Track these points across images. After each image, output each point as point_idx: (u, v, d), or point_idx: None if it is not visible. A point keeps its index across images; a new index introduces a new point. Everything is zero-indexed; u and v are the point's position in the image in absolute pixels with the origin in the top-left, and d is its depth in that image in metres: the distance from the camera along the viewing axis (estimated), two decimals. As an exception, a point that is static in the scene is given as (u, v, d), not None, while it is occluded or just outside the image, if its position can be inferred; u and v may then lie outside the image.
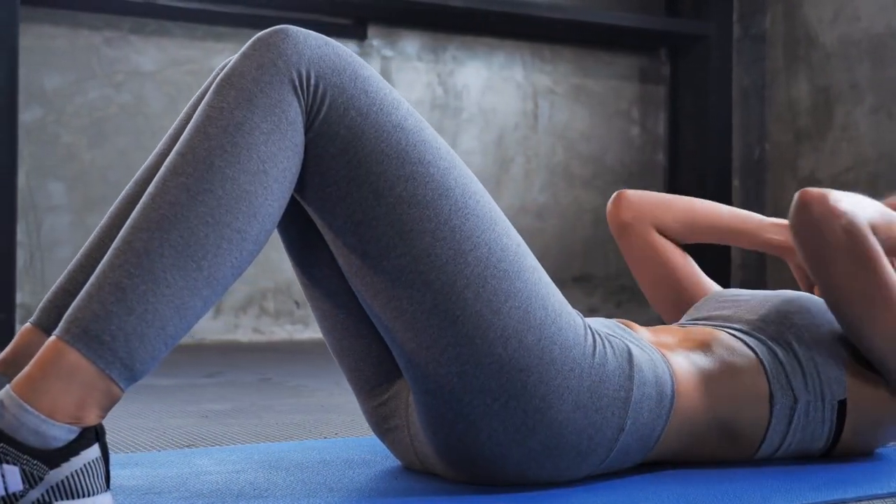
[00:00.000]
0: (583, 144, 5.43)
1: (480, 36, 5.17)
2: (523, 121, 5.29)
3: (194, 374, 2.92)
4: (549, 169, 5.34)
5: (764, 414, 1.40)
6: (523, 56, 5.30)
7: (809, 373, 1.41)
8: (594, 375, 1.27)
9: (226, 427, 1.90)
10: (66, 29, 4.27)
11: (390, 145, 1.19)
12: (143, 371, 1.08)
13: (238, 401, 2.31)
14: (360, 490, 1.27)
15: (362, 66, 1.21)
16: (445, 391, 1.23)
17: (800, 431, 1.42)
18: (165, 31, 4.47)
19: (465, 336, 1.21)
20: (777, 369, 1.41)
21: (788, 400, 1.40)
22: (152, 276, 1.07)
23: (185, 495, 1.24)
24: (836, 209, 1.33)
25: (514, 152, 5.25)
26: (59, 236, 4.24)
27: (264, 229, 1.14)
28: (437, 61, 5.08)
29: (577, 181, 5.39)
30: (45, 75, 4.20)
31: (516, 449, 1.25)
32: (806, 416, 1.41)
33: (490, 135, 5.19)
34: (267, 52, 1.17)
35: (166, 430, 1.86)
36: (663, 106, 5.65)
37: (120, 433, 1.82)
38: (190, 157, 1.12)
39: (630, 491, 1.27)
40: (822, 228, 1.33)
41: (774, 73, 5.32)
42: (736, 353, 1.41)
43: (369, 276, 1.21)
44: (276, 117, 1.14)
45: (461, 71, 5.13)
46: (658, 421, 1.33)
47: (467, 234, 1.21)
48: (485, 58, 5.19)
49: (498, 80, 5.23)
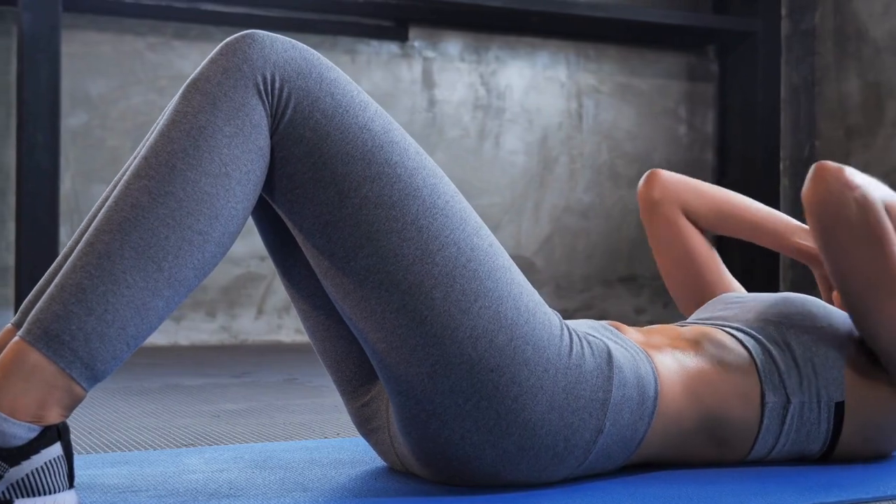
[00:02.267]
0: (628, 143, 5.38)
1: (523, 35, 5.16)
2: (567, 120, 5.26)
3: (223, 375, 2.96)
4: (594, 169, 5.30)
5: (755, 413, 1.38)
6: (567, 55, 5.27)
7: (806, 373, 1.38)
8: (570, 376, 1.25)
9: (231, 427, 1.92)
10: (110, 35, 4.35)
11: (356, 147, 1.19)
12: (104, 371, 1.10)
13: (256, 401, 2.33)
14: (334, 490, 1.28)
15: (329, 68, 1.21)
16: (417, 391, 1.23)
17: (794, 432, 1.39)
18: (208, 35, 4.53)
19: (434, 336, 1.20)
20: (770, 367, 1.38)
21: (781, 399, 1.37)
22: (112, 277, 1.09)
23: (160, 493, 1.25)
24: (851, 182, 1.31)
25: (559, 152, 5.23)
26: (104, 238, 4.31)
27: (228, 231, 1.15)
28: (479, 61, 5.07)
29: (623, 181, 5.35)
30: (89, 81, 4.28)
31: (490, 450, 1.24)
32: (800, 416, 1.38)
33: (534, 135, 5.17)
34: (233, 56, 1.18)
35: (172, 429, 1.89)
36: (712, 104, 5.58)
37: (125, 432, 1.85)
38: (153, 161, 1.13)
39: (609, 493, 1.26)
40: (836, 200, 1.31)
41: (824, 69, 5.22)
42: (727, 350, 1.39)
43: (338, 277, 1.22)
44: (239, 121, 1.15)
45: (504, 71, 5.12)
46: (640, 423, 1.31)
47: (435, 234, 1.20)
48: (528, 57, 5.17)
49: (541, 79, 5.21)
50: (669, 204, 1.70)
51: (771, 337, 1.41)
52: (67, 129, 4.18)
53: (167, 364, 3.34)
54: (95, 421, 2.01)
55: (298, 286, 1.38)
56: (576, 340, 1.28)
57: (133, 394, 2.47)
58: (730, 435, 1.38)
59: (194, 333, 4.42)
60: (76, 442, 1.74)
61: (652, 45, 5.43)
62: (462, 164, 5.01)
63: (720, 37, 5.39)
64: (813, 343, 1.40)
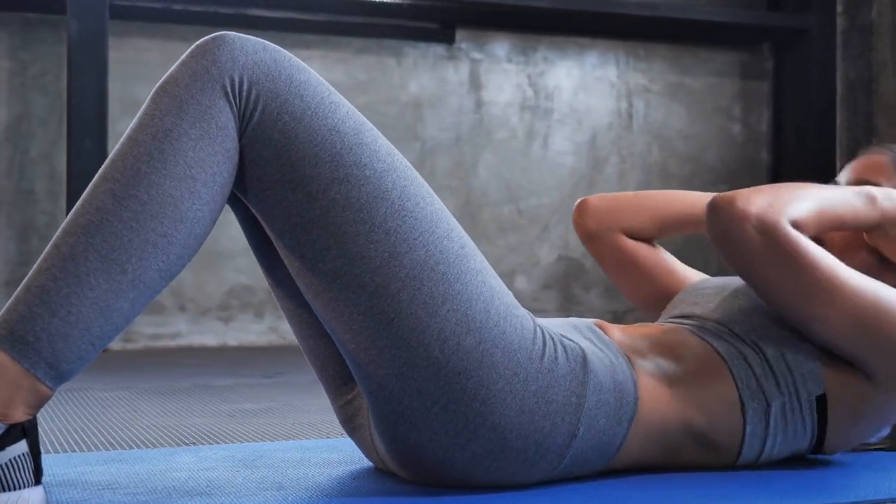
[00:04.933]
0: (680, 143, 5.32)
1: (571, 35, 5.13)
2: (617, 120, 5.23)
3: (255, 375, 2.99)
4: (645, 169, 5.25)
5: (737, 421, 1.36)
6: (617, 55, 5.24)
7: (780, 373, 1.36)
8: (542, 380, 1.24)
9: (241, 426, 1.94)
10: (158, 41, 4.43)
11: (324, 149, 1.19)
12: (69, 371, 1.12)
13: (277, 401, 2.35)
14: (307, 490, 1.29)
15: (300, 70, 1.22)
16: (386, 392, 1.23)
17: (780, 434, 1.37)
18: (255, 40, 4.59)
19: (401, 338, 1.20)
20: (746, 374, 1.36)
21: (760, 405, 1.35)
22: (76, 279, 1.11)
23: (137, 491, 1.28)
24: (744, 212, 1.27)
25: (608, 152, 5.19)
26: (153, 241, 4.40)
27: (193, 233, 1.17)
28: (527, 62, 5.06)
29: (675, 180, 5.29)
30: (138, 87, 4.36)
31: (459, 452, 1.24)
32: (783, 418, 1.36)
33: (583, 135, 5.15)
34: (202, 59, 1.19)
35: (181, 428, 1.92)
36: (766, 102, 5.49)
37: (134, 431, 1.88)
38: (119, 164, 1.15)
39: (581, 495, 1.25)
40: (733, 233, 1.28)
41: (881, 65, 5.11)
42: (703, 359, 1.37)
43: (308, 278, 1.23)
44: (205, 123, 1.17)
45: (552, 71, 5.10)
46: (618, 428, 1.30)
47: (403, 236, 1.20)
48: (576, 57, 5.15)
49: (590, 79, 5.18)
50: (606, 231, 1.67)
51: (741, 338, 1.38)
52: (116, 135, 4.27)
53: (208, 364, 3.40)
54: (110, 420, 2.05)
55: (282, 285, 1.39)
56: (549, 344, 1.27)
57: (160, 393, 2.51)
58: (715, 440, 1.36)
59: (243, 334, 4.49)
60: (79, 439, 1.78)
61: (703, 43, 5.36)
62: (510, 166, 5.00)
63: (775, 34, 5.30)
64: (781, 339, 1.37)
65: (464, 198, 4.89)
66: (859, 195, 1.37)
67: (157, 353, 4.06)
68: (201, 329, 4.42)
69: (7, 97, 4.24)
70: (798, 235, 1.28)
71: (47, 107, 4.27)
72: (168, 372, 3.09)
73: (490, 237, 4.93)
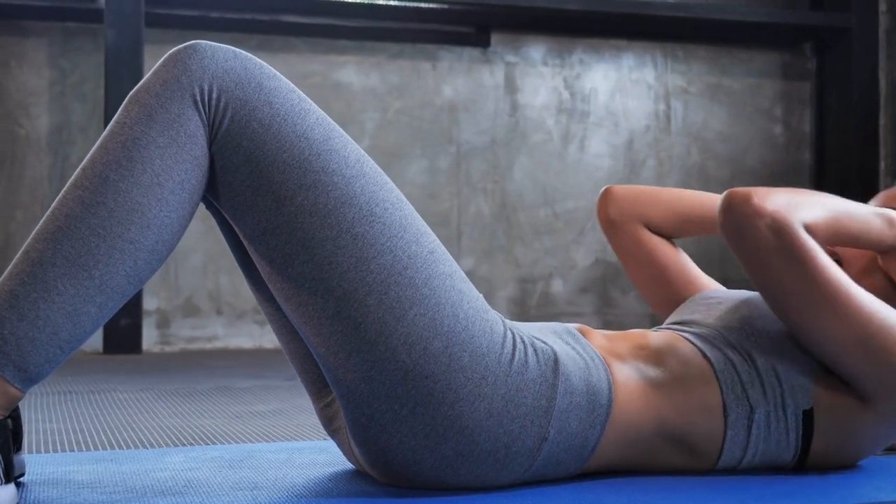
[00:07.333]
0: (720, 145, 5.28)
1: (608, 38, 5.12)
2: (655, 122, 5.20)
3: (277, 377, 3.03)
4: (684, 171, 5.22)
5: (718, 425, 1.35)
6: (654, 56, 5.21)
7: (769, 382, 1.35)
8: (511, 384, 1.25)
9: (243, 427, 1.97)
10: (195, 49, 4.50)
11: (292, 155, 1.21)
12: (38, 373, 1.16)
13: (288, 403, 2.38)
14: (282, 490, 1.31)
15: (270, 77, 1.24)
16: (355, 396, 1.25)
17: (762, 442, 1.36)
18: (290, 46, 4.64)
19: (369, 342, 1.22)
20: (732, 379, 1.35)
21: (744, 410, 1.34)
22: (44, 284, 1.15)
23: (114, 490, 1.31)
24: (760, 208, 1.27)
25: (646, 155, 5.16)
26: (191, 244, 4.47)
27: (162, 239, 1.20)
28: (562, 65, 5.05)
29: (714, 182, 5.24)
30: (176, 93, 4.42)
31: (428, 455, 1.25)
32: (767, 426, 1.35)
33: (619, 137, 5.12)
34: (173, 68, 1.22)
35: (185, 428, 1.95)
36: (809, 103, 5.43)
37: (137, 431, 1.92)
38: (89, 172, 1.19)
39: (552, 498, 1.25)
40: (746, 229, 1.27)
41: (925, 65, 5.02)
42: (689, 363, 1.36)
43: (278, 283, 1.25)
44: (174, 131, 1.19)
45: (588, 74, 5.09)
46: (592, 431, 1.30)
47: (371, 241, 1.22)
48: (613, 60, 5.13)
49: (627, 81, 5.15)
50: (628, 221, 1.67)
51: (733, 345, 1.37)
52: (154, 141, 4.34)
53: (237, 367, 3.44)
54: (119, 420, 2.09)
55: (261, 289, 1.41)
56: (519, 347, 1.28)
57: (179, 395, 2.56)
58: (695, 444, 1.35)
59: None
60: (82, 440, 1.82)
61: (743, 43, 5.31)
62: (545, 169, 5.00)
63: (817, 33, 5.24)
64: (775, 349, 1.36)
65: (499, 201, 4.90)
66: (878, 215, 1.36)
67: (192, 356, 4.13)
68: (238, 332, 4.48)
69: (48, 105, 4.34)
70: (809, 240, 1.27)
71: (87, 114, 4.36)
72: (195, 374, 3.14)
73: (526, 240, 4.93)
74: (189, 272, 4.48)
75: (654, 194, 1.66)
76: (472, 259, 4.90)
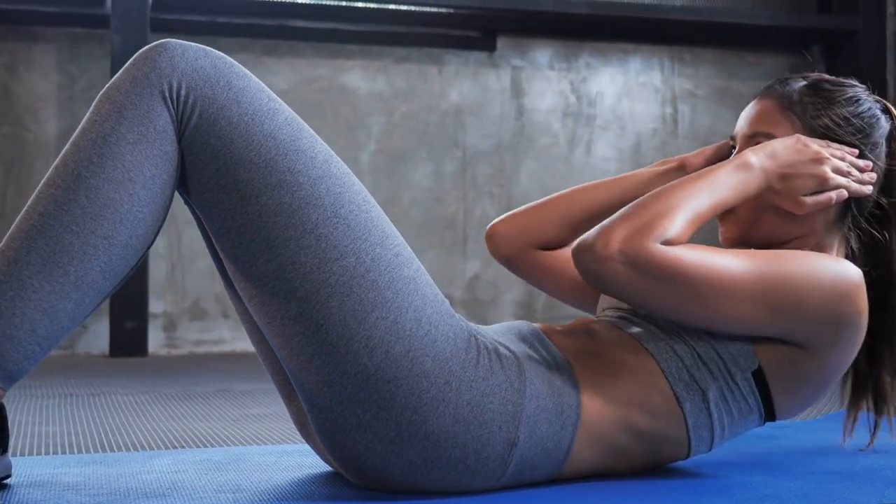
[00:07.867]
0: (727, 148, 5.28)
1: (614, 41, 5.12)
2: (662, 126, 5.20)
3: (279, 381, 3.05)
4: (691, 174, 5.22)
5: (677, 414, 1.34)
6: (661, 60, 5.21)
7: (709, 358, 1.34)
8: (476, 389, 1.25)
9: (238, 430, 1.99)
10: (202, 53, 4.53)
11: (259, 154, 1.22)
12: (18, 370, 1.18)
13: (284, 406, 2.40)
14: (263, 493, 1.32)
15: (239, 76, 1.25)
16: (318, 400, 1.25)
17: (726, 416, 1.36)
18: (297, 51, 4.66)
19: (330, 344, 1.22)
20: (677, 367, 1.34)
21: (696, 395, 1.34)
22: (20, 282, 1.17)
23: (99, 493, 1.32)
24: (606, 253, 1.25)
25: (653, 158, 5.16)
26: (198, 248, 4.50)
27: (135, 234, 1.21)
28: (569, 69, 5.06)
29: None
30: (183, 98, 4.46)
31: (395, 460, 1.25)
32: (724, 402, 1.35)
33: (626, 141, 5.13)
34: (143, 65, 1.24)
35: (179, 432, 1.97)
36: (817, 106, 5.42)
37: (131, 434, 1.94)
38: (61, 170, 1.21)
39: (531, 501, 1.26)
40: (603, 275, 1.26)
41: (933, 67, 5.00)
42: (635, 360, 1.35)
43: (242, 282, 1.25)
44: (143, 128, 1.21)
45: (595, 78, 5.09)
46: (563, 433, 1.30)
47: (334, 243, 1.22)
48: (620, 63, 5.13)
49: (634, 85, 5.16)
50: (524, 251, 1.64)
51: (665, 330, 1.37)
52: (161, 145, 4.37)
53: (240, 370, 3.46)
54: (114, 423, 2.11)
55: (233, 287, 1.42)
56: (483, 352, 1.28)
57: (178, 398, 2.57)
58: (661, 437, 1.35)
59: (285, 340, 4.55)
60: (73, 443, 1.83)
61: (751, 46, 5.31)
62: (552, 172, 5.00)
63: (825, 36, 5.23)
64: None
65: (505, 205, 4.91)
66: (734, 170, 1.33)
67: (198, 359, 4.15)
68: (244, 335, 4.50)
69: (56, 110, 4.37)
70: (672, 252, 1.25)
71: (95, 119, 4.40)
72: (198, 377, 3.16)
73: (531, 244, 4.93)
74: (196, 275, 4.50)
75: (542, 213, 1.63)
76: (478, 263, 4.91)
